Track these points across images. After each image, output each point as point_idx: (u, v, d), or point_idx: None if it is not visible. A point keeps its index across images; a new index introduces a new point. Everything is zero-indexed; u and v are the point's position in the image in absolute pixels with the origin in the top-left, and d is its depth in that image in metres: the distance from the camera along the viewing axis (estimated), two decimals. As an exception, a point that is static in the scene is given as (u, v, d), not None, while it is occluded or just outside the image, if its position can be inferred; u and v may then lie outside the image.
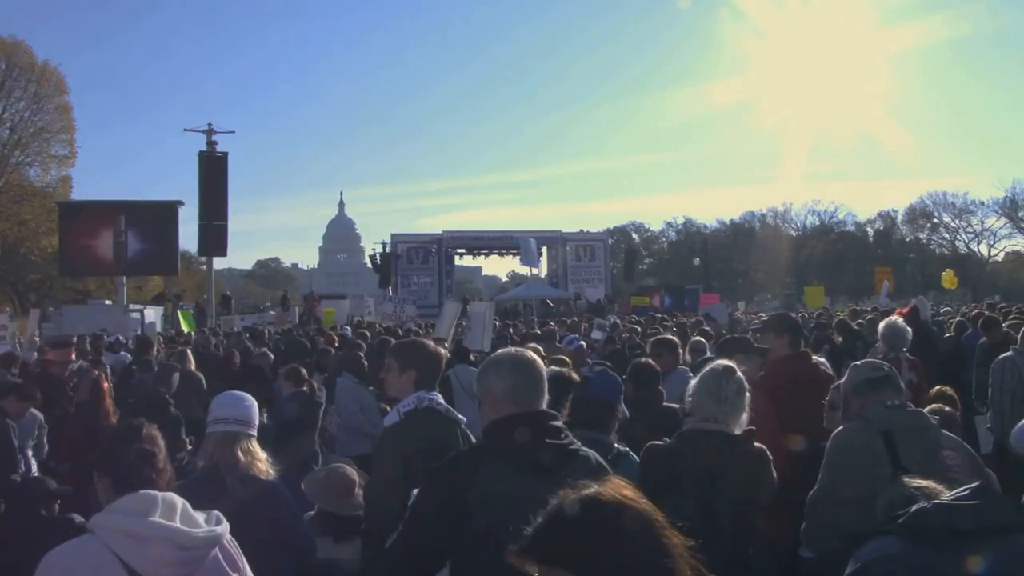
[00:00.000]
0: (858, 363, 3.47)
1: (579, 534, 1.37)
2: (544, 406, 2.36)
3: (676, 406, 4.03)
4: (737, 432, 3.03)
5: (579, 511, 1.39)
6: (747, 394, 3.10)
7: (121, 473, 2.28)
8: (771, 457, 3.10)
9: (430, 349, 3.41)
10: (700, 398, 3.09)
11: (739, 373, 3.13)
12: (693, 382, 3.22)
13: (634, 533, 1.36)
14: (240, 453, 3.03)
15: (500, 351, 2.62)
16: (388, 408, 6.59)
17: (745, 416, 3.07)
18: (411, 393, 3.19)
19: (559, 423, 2.33)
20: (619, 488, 1.44)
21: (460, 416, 3.24)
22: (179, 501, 2.16)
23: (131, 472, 2.28)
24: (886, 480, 2.20)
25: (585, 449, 2.35)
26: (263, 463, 3.10)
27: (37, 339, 13.47)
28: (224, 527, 2.22)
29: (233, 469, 2.99)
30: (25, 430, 5.69)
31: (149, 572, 2.04)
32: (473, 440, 3.10)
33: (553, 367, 3.20)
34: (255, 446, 3.12)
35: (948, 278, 23.51)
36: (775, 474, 3.10)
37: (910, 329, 6.45)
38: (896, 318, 6.95)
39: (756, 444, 3.07)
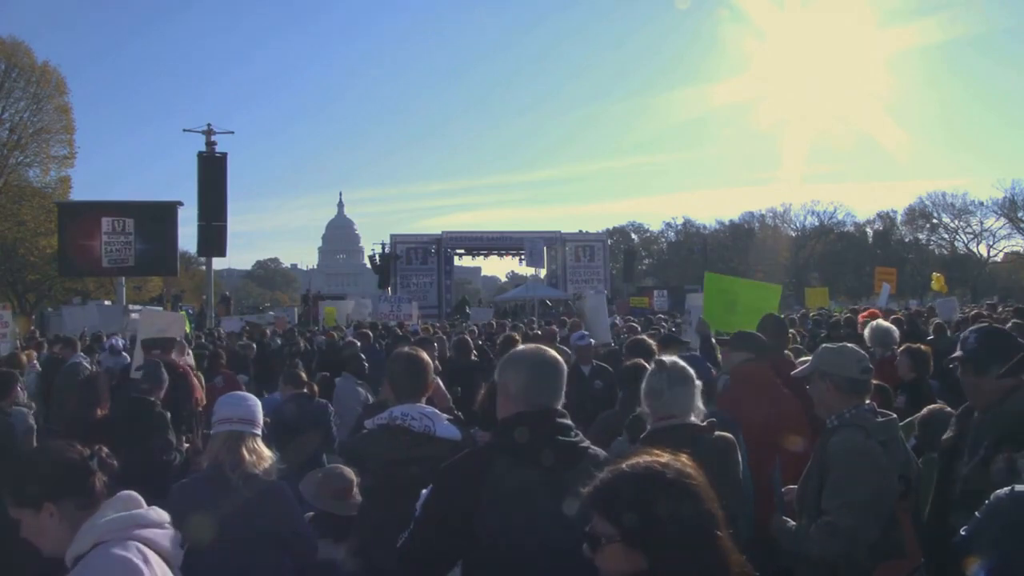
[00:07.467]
0: (839, 348, 3.22)
1: (640, 490, 1.49)
2: (559, 404, 2.32)
3: None
4: (698, 423, 3.05)
5: (643, 471, 1.52)
6: (692, 384, 3.11)
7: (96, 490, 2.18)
8: (736, 444, 3.12)
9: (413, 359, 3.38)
10: (646, 399, 3.16)
11: (670, 365, 3.15)
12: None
13: (690, 498, 1.50)
14: (245, 452, 3.06)
15: (521, 347, 2.51)
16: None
17: (700, 404, 3.09)
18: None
19: (568, 420, 2.30)
20: (681, 459, 1.59)
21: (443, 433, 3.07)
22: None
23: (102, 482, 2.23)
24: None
25: (595, 448, 2.33)
26: (268, 462, 3.12)
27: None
28: None
29: (238, 468, 3.02)
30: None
31: (170, 555, 2.10)
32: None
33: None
34: (260, 445, 3.15)
35: (937, 282, 23.54)
36: (741, 462, 3.12)
37: (895, 328, 6.50)
38: (879, 320, 6.97)
39: (720, 434, 3.09)
